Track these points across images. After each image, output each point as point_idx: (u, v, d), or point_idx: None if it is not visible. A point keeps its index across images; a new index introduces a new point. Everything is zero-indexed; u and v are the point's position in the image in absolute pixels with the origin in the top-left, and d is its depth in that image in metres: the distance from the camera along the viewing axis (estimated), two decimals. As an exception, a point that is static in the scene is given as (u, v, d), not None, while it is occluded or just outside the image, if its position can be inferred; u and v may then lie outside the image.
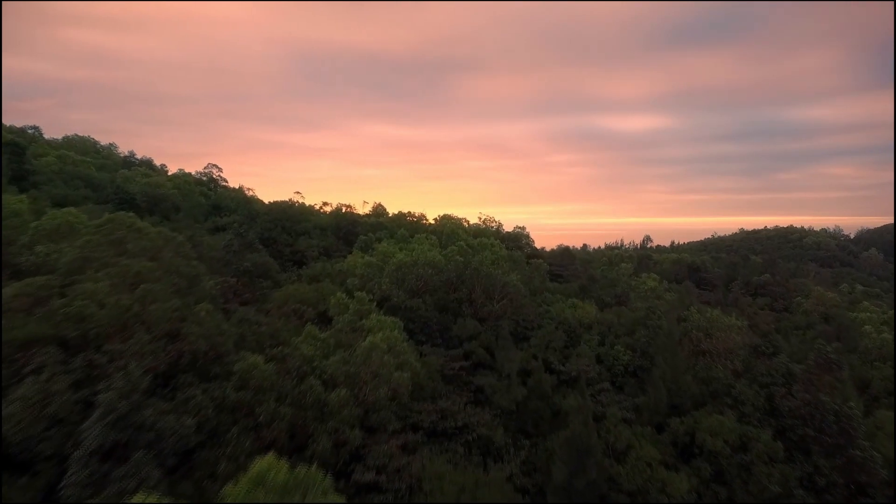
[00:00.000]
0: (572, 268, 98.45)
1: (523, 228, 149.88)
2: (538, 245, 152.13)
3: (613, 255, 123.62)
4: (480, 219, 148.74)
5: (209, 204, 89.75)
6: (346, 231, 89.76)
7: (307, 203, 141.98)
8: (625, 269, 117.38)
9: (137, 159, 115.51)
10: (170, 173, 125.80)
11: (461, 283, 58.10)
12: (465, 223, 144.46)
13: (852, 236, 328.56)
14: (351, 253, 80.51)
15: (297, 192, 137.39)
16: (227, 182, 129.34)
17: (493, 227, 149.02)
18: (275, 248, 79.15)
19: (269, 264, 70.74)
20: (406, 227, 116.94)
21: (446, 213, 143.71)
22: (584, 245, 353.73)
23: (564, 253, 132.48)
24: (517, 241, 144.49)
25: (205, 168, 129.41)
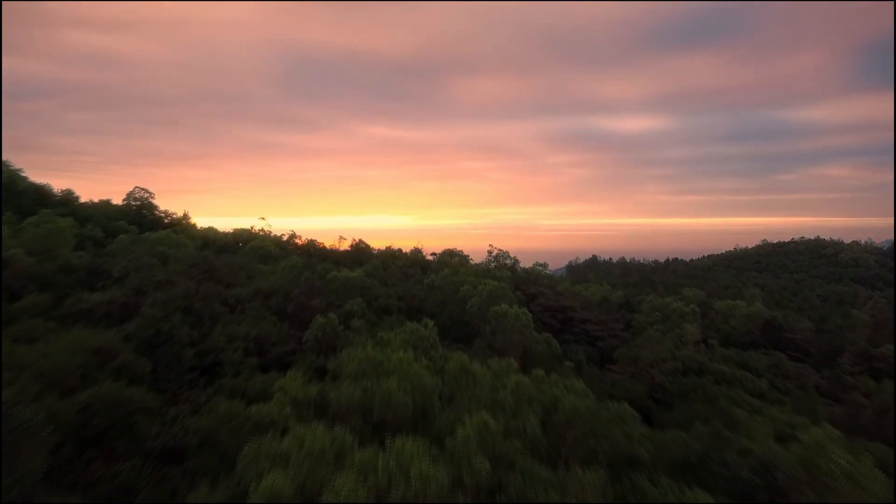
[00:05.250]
0: (628, 344, 67.32)
1: (545, 265, 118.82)
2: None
3: (670, 310, 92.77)
4: (490, 253, 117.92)
5: (86, 266, 58.62)
6: (298, 305, 58.70)
7: (273, 233, 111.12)
8: (690, 333, 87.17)
9: (27, 182, 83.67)
10: (83, 200, 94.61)
11: None
12: (471, 259, 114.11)
13: (885, 248, 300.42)
14: (298, 353, 50.01)
15: (262, 218, 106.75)
16: (158, 210, 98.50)
17: (507, 262, 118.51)
18: (170, 349, 48.18)
19: (135, 402, 39.89)
20: (393, 267, 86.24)
21: (448, 247, 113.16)
22: (594, 256, 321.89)
23: (603, 305, 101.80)
24: (536, 282, 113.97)
25: (132, 191, 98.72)
